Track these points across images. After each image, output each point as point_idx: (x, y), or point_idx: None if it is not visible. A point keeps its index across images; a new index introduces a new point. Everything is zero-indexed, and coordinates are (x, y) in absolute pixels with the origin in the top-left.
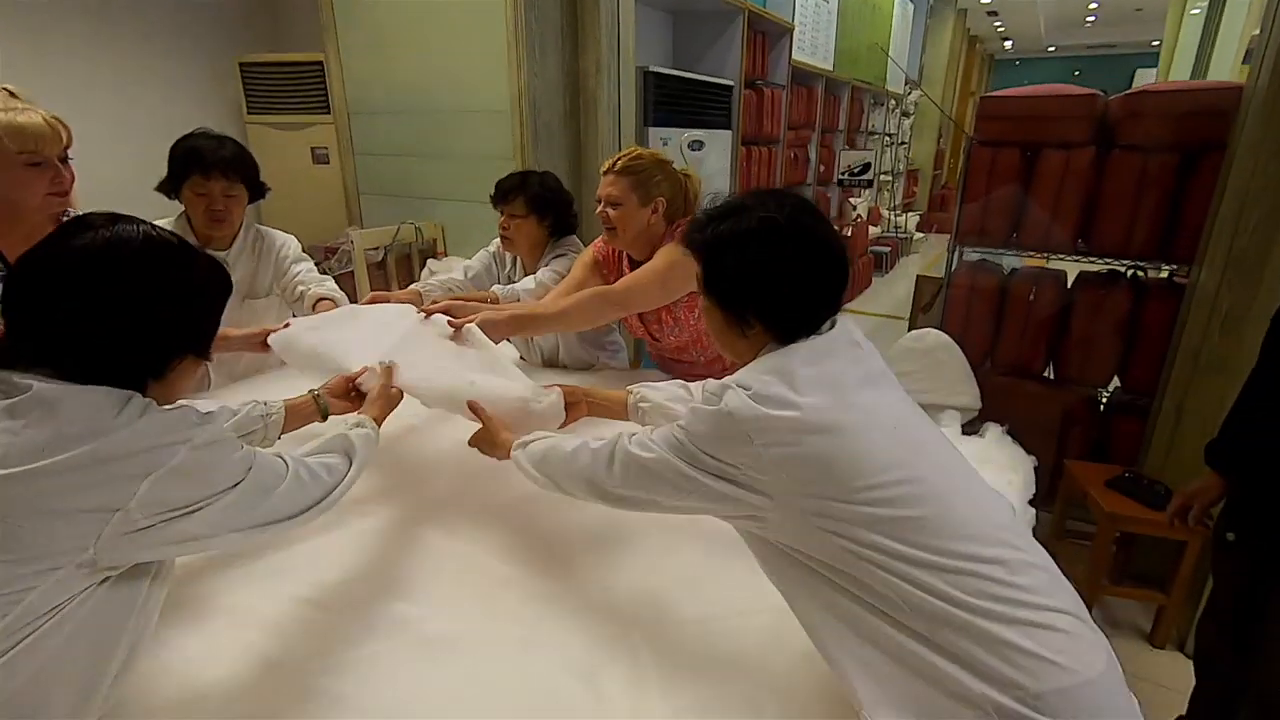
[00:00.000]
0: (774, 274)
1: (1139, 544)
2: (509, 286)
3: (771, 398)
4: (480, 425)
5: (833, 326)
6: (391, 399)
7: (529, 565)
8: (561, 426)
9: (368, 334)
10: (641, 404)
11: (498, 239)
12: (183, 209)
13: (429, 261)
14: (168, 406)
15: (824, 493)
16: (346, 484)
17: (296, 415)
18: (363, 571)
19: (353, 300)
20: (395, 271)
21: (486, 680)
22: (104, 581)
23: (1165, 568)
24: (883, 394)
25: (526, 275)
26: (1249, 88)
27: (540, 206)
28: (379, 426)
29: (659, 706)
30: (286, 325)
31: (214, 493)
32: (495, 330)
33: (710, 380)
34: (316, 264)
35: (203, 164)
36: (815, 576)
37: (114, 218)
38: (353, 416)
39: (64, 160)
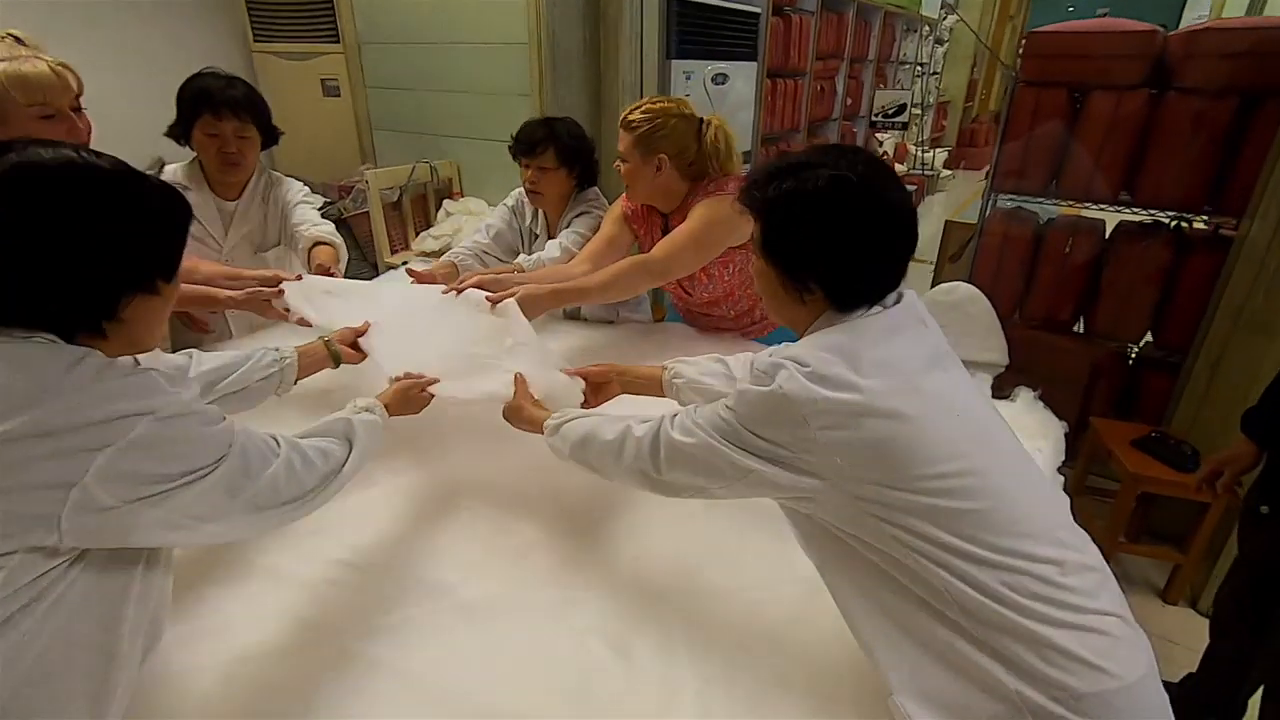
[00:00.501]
0: (842, 239)
1: (1158, 501)
2: (534, 256)
3: (830, 378)
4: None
5: (899, 300)
6: (410, 400)
7: (559, 530)
8: (594, 407)
9: (390, 319)
10: (676, 380)
11: (518, 190)
12: (194, 155)
13: (445, 202)
14: (130, 368)
15: (880, 479)
16: (346, 473)
17: (309, 361)
18: (397, 535)
19: (367, 253)
20: (411, 212)
21: (519, 645)
22: (85, 568)
23: (1183, 526)
24: (949, 377)
25: (548, 227)
26: None
27: (570, 157)
28: (388, 416)
29: (688, 675)
30: (299, 277)
31: (188, 471)
32: (537, 306)
33: (758, 356)
34: (330, 203)
35: (212, 103)
36: (858, 558)
37: (30, 143)
38: (364, 400)
39: (77, 110)
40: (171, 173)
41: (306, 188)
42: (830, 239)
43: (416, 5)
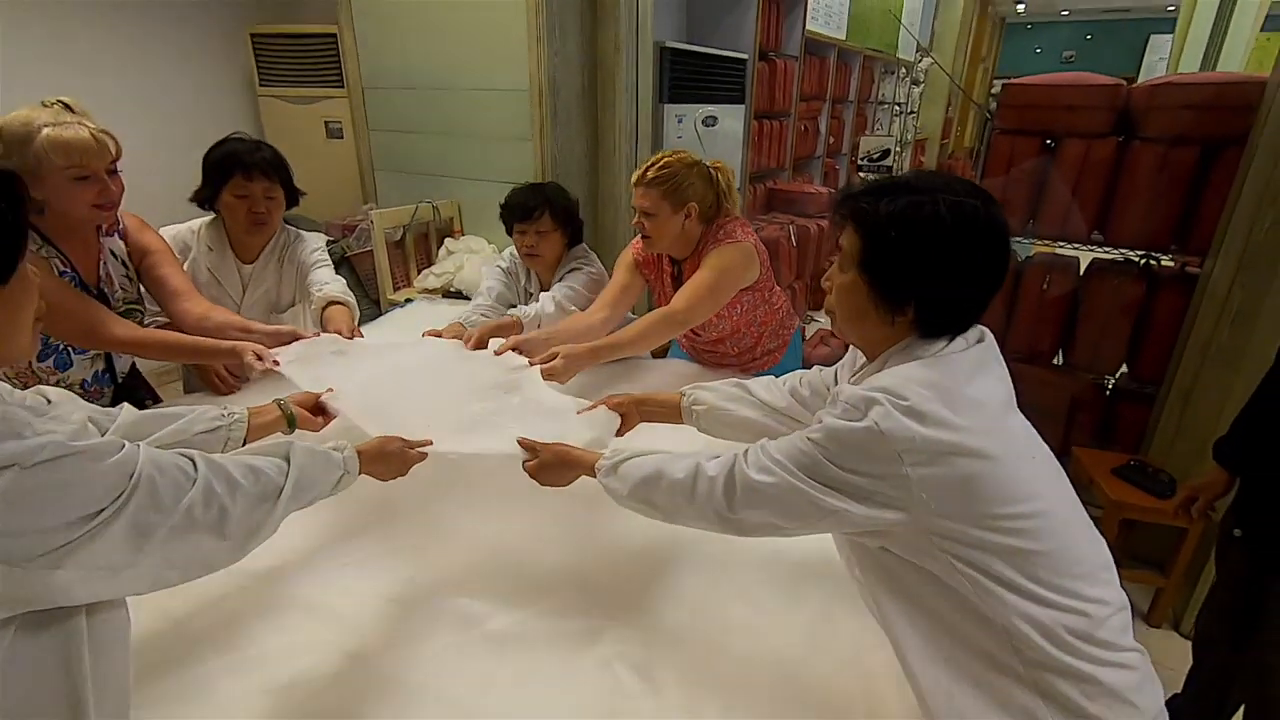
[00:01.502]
0: (953, 267)
1: (1139, 527)
2: (529, 310)
3: (928, 415)
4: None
5: (982, 339)
6: (389, 457)
7: (584, 559)
8: (618, 437)
9: (392, 376)
10: (695, 406)
11: (509, 251)
12: (212, 216)
13: (446, 240)
14: None
15: (962, 517)
16: (284, 501)
17: (262, 423)
18: (426, 567)
19: (370, 289)
20: (413, 250)
21: (549, 673)
22: (18, 629)
23: (1164, 551)
24: (1020, 418)
25: (542, 287)
26: (1272, 83)
27: (564, 219)
28: (358, 467)
29: (712, 702)
30: (316, 334)
31: (80, 518)
32: (578, 362)
33: (846, 388)
34: (334, 241)
35: (244, 165)
36: (915, 588)
37: None
38: (337, 443)
39: (111, 173)
40: (194, 230)
41: (323, 242)
42: (943, 265)
43: (420, 52)
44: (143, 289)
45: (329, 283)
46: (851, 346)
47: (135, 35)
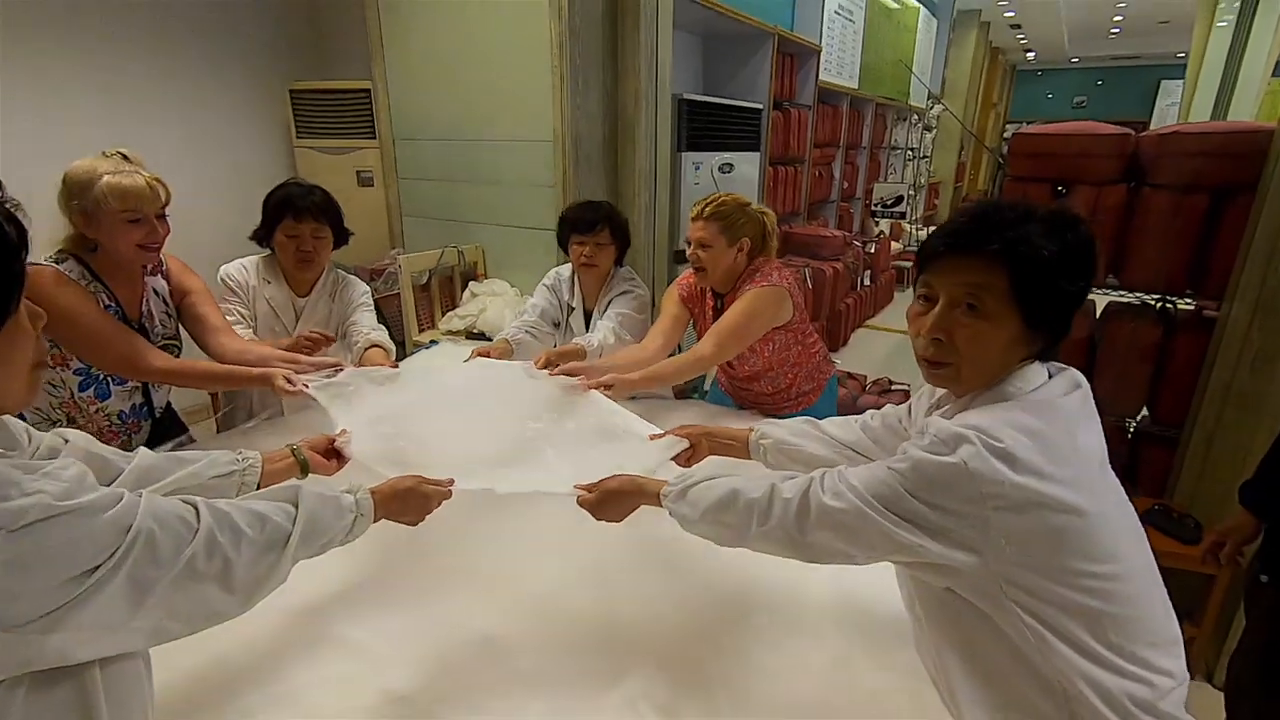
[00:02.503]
0: (1084, 293)
1: (1165, 573)
2: (591, 340)
3: (1021, 461)
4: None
5: (1079, 385)
6: (408, 498)
7: (611, 599)
8: (686, 467)
9: (436, 400)
10: (762, 441)
11: (553, 271)
12: (268, 252)
13: (470, 284)
14: None
15: (1039, 569)
16: (292, 549)
17: (275, 469)
18: (457, 602)
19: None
20: (438, 293)
21: (575, 711)
22: (29, 686)
23: (1193, 600)
24: (1113, 474)
25: (583, 299)
26: (1279, 132)
27: (619, 233)
28: (374, 512)
29: None
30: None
31: (71, 578)
32: (629, 388)
33: (937, 421)
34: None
35: (294, 208)
36: (975, 631)
37: None
38: (351, 484)
39: (160, 217)
40: (247, 267)
41: (369, 291)
42: (1080, 293)
43: (449, 105)
44: (180, 328)
45: (375, 328)
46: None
47: (185, 89)
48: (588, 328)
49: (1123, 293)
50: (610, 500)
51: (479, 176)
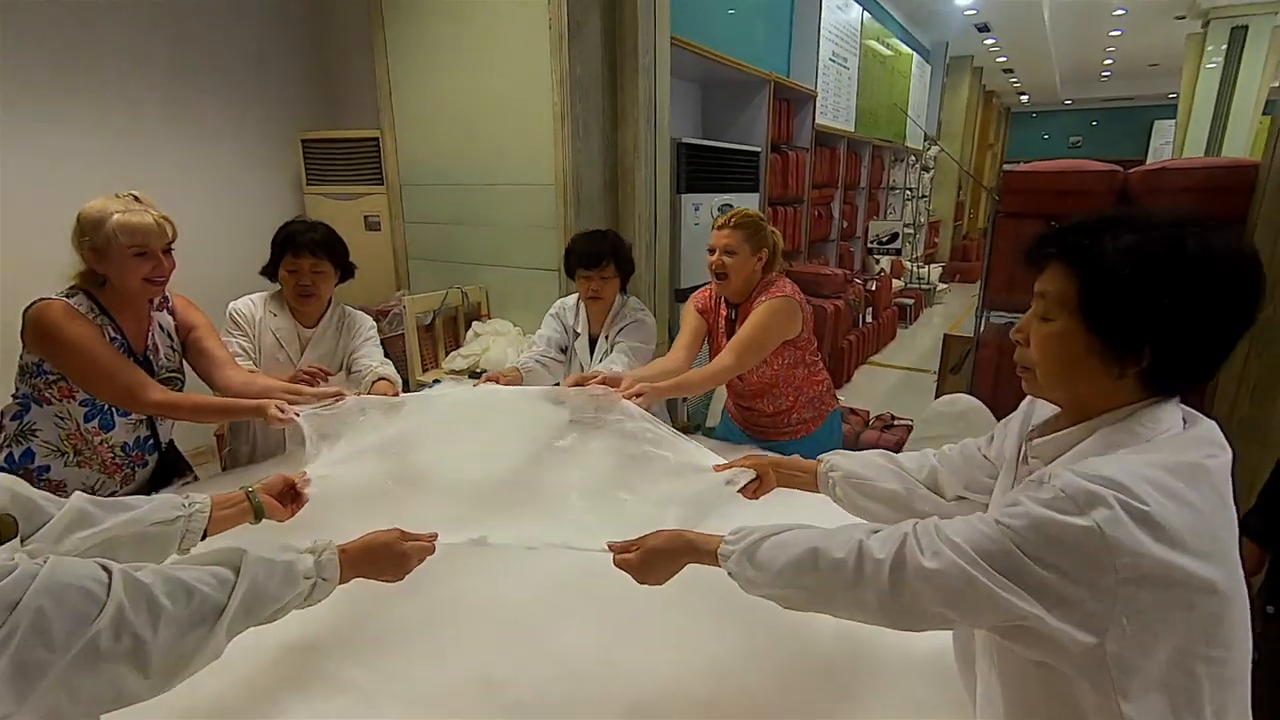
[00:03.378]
0: (1200, 307)
1: None
2: (614, 367)
3: (1168, 531)
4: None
5: (1223, 449)
6: (382, 556)
7: (602, 631)
8: (753, 498)
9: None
10: (831, 473)
11: (558, 302)
12: (278, 287)
13: (474, 324)
14: None
15: (1156, 651)
16: (224, 624)
17: (226, 513)
18: (449, 636)
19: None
20: (442, 333)
21: None
22: None
23: None
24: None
25: (589, 325)
26: (1264, 166)
27: (624, 266)
28: (340, 573)
29: None
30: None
31: None
32: (660, 395)
33: (1062, 472)
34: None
35: (294, 244)
36: (1053, 696)
37: None
38: (318, 542)
39: (166, 251)
40: (255, 301)
41: (375, 326)
42: (1187, 305)
43: (454, 152)
44: (185, 362)
45: (382, 362)
46: (1030, 401)
47: (200, 140)
48: (592, 353)
49: None
50: (655, 560)
51: (482, 219)
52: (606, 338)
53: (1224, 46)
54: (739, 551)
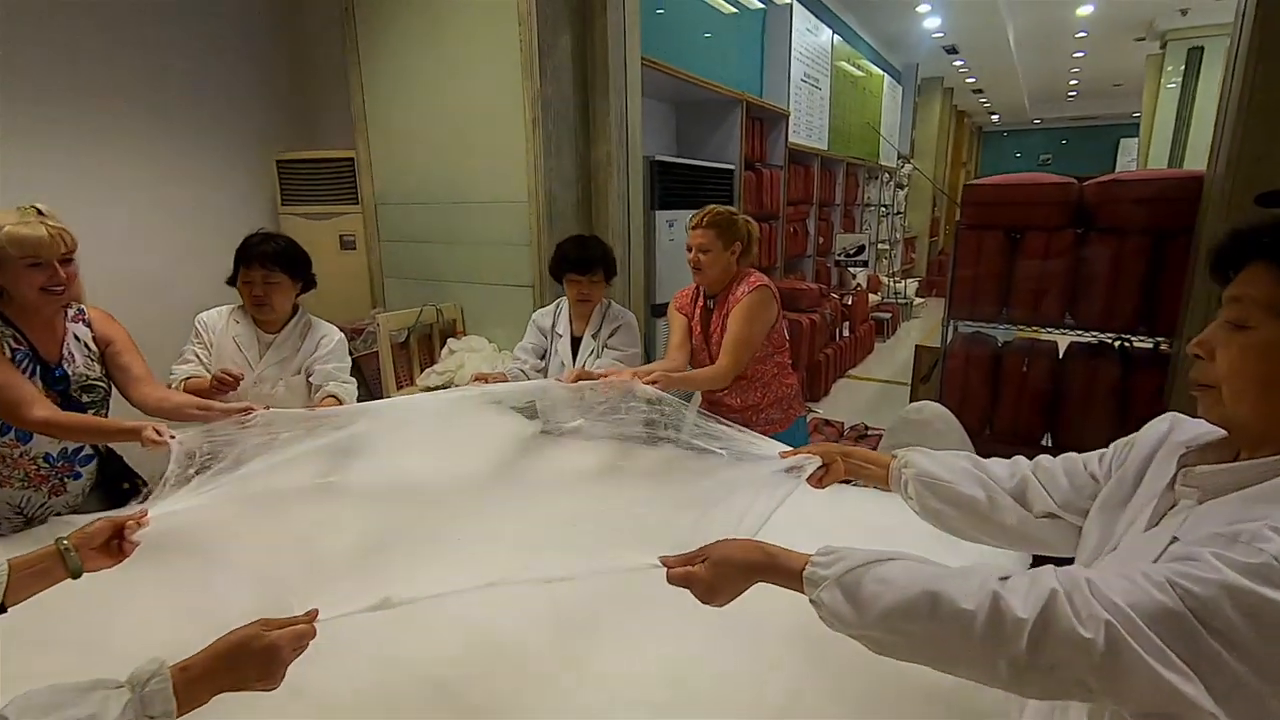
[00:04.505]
0: None
1: None
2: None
3: None
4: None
5: None
6: (254, 654)
7: (565, 638)
8: (819, 487)
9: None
10: (905, 470)
11: (537, 312)
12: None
13: (449, 340)
14: None
15: None
16: None
17: (28, 575)
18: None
19: (375, 389)
20: (417, 351)
21: None
22: None
23: None
24: None
25: (570, 325)
26: (1208, 178)
27: (610, 270)
28: (179, 700)
29: None
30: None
31: None
32: (672, 385)
33: (1273, 536)
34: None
35: (247, 256)
36: None
37: None
38: (147, 666)
39: (65, 262)
40: (222, 311)
41: (342, 339)
42: None
43: (429, 170)
44: (105, 372)
45: (334, 379)
46: (1167, 421)
47: (175, 162)
48: (574, 354)
49: (1079, 332)
50: (728, 573)
51: (457, 237)
52: (594, 337)
53: (1182, 67)
54: (833, 580)
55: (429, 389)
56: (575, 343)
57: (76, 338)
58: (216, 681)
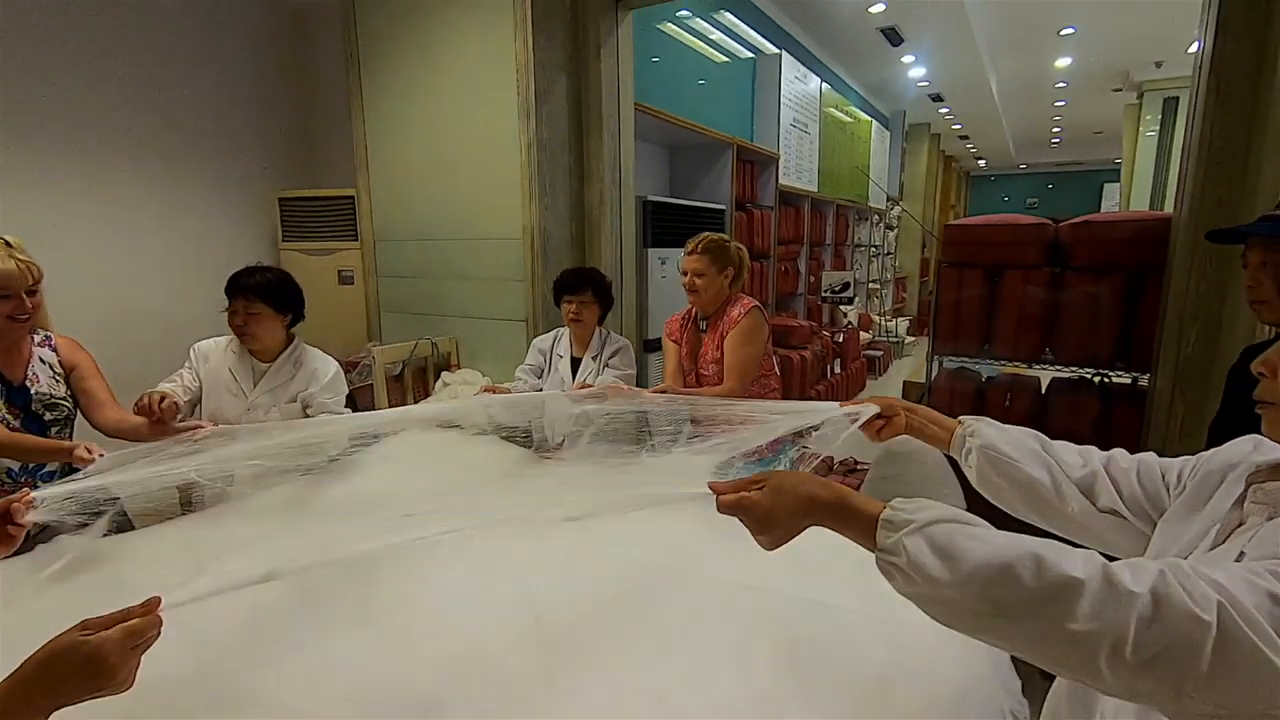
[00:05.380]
0: None
1: None
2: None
3: None
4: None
5: None
6: (70, 670)
7: (548, 659)
8: (878, 441)
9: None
10: (971, 438)
11: (537, 340)
12: None
13: (443, 373)
14: None
15: None
16: None
17: None
18: (388, 653)
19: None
20: (411, 383)
21: None
22: None
23: None
24: None
25: (570, 348)
26: (1175, 219)
27: (601, 294)
28: None
29: None
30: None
31: None
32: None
33: None
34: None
35: (231, 288)
36: None
37: None
38: None
39: (31, 293)
40: (220, 341)
41: (339, 371)
42: None
43: (426, 208)
44: (71, 394)
45: (325, 411)
46: (1249, 441)
47: (180, 198)
48: (574, 374)
49: (1059, 367)
50: (786, 505)
51: (453, 273)
52: (594, 359)
53: (1159, 116)
54: (919, 526)
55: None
56: (575, 363)
57: (42, 360)
58: (34, 704)
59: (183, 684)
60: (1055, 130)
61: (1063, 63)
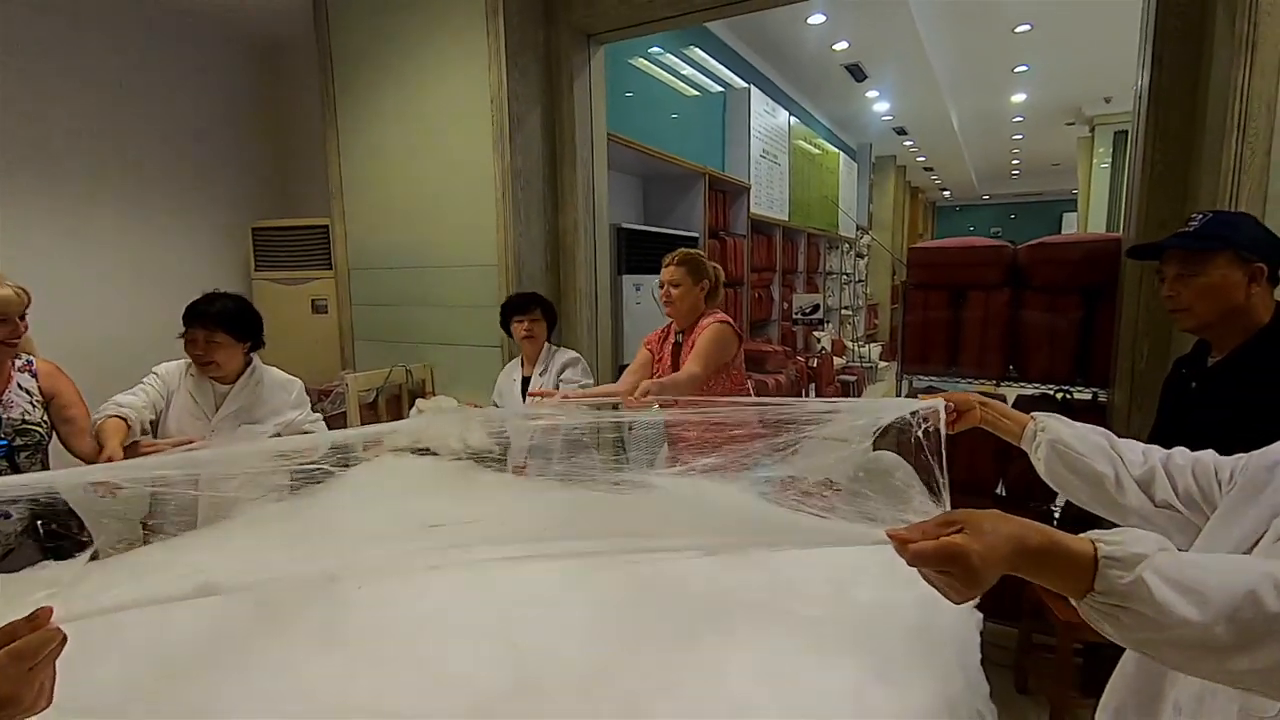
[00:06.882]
0: None
1: (1101, 654)
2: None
3: None
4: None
5: None
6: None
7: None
8: (952, 432)
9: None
10: (1041, 433)
11: (515, 361)
12: None
13: (417, 400)
14: None
15: None
16: None
17: None
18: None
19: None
20: (385, 411)
21: None
22: None
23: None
24: None
25: (522, 367)
26: (1125, 240)
27: (549, 315)
28: None
29: None
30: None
31: None
32: (662, 390)
33: None
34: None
35: (190, 316)
36: None
37: None
38: None
39: (21, 317)
40: (182, 366)
41: (303, 391)
42: None
43: (401, 236)
44: (47, 418)
45: (300, 429)
46: None
47: (151, 229)
48: (523, 393)
49: (1023, 384)
50: (997, 550)
51: (428, 300)
52: (542, 374)
53: (1111, 149)
54: (1150, 562)
55: (396, 449)
56: (525, 383)
57: (20, 385)
58: None
59: (129, 700)
60: (1015, 162)
61: (1018, 98)
